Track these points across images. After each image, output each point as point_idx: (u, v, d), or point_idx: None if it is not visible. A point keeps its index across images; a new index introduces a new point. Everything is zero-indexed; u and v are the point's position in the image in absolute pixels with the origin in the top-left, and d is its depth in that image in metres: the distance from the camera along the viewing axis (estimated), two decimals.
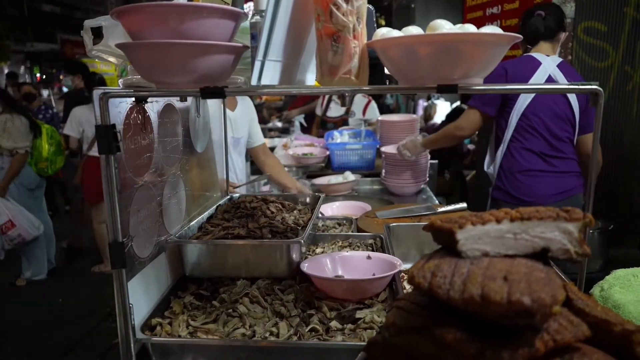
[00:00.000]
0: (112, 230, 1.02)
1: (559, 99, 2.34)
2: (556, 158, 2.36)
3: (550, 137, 2.34)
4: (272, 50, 0.96)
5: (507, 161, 2.43)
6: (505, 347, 0.62)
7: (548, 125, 2.33)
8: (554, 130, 2.34)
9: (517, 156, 2.40)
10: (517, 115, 2.35)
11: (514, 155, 2.40)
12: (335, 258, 1.45)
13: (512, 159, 2.41)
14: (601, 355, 0.67)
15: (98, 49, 1.17)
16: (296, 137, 4.12)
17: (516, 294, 0.61)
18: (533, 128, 2.34)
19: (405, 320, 0.75)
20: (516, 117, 2.36)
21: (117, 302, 1.05)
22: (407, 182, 2.76)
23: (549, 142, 2.35)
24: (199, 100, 1.63)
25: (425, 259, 0.77)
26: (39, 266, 4.47)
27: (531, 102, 2.33)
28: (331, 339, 1.13)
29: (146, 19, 0.92)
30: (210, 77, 0.97)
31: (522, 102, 2.34)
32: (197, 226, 1.54)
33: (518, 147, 2.38)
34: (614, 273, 1.21)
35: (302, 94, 1.62)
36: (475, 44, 0.88)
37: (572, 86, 0.92)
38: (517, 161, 2.39)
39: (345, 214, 2.22)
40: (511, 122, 2.38)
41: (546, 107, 2.33)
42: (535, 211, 0.74)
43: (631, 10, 3.18)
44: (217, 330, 1.19)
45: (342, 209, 2.30)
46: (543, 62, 2.34)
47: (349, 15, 0.92)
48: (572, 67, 2.52)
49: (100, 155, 0.98)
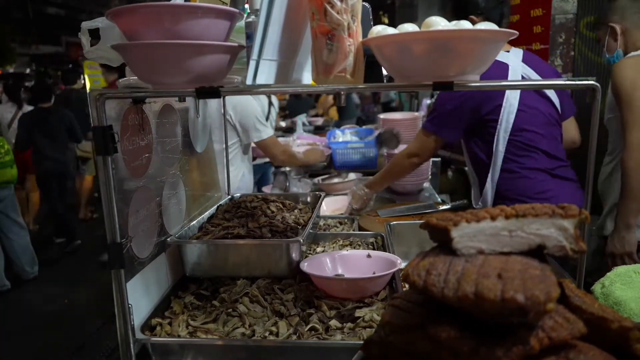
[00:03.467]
0: (110, 230, 1.02)
1: (543, 102, 1.98)
2: (560, 168, 2.00)
3: (548, 148, 1.97)
4: (267, 50, 0.95)
5: (506, 186, 1.99)
6: (500, 345, 0.62)
7: (543, 136, 1.96)
8: (549, 139, 1.98)
9: (520, 180, 1.96)
10: (505, 132, 1.93)
11: (515, 180, 1.97)
12: (335, 257, 1.45)
13: (514, 183, 1.97)
14: (597, 353, 0.66)
15: (95, 51, 1.17)
16: (298, 136, 4.11)
17: (510, 292, 0.60)
18: (528, 145, 1.95)
19: (400, 318, 0.74)
20: (504, 136, 1.94)
21: (116, 303, 1.06)
22: (410, 180, 2.75)
23: (548, 153, 1.97)
24: (199, 100, 1.63)
25: (420, 257, 0.76)
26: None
27: (518, 115, 1.91)
28: (330, 338, 1.13)
29: (141, 20, 0.92)
30: (206, 77, 0.98)
31: (506, 117, 1.92)
32: (198, 226, 1.54)
33: (516, 167, 1.96)
34: (615, 270, 1.21)
35: (298, 92, 1.62)
36: (470, 41, 0.87)
37: (569, 82, 0.92)
38: (523, 185, 1.96)
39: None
40: (498, 143, 1.95)
41: (535, 115, 1.95)
42: (530, 208, 0.73)
43: None
44: (217, 330, 1.19)
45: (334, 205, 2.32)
46: (508, 62, 1.94)
47: (343, 14, 0.91)
48: (535, 56, 2.10)
49: (97, 156, 0.99)
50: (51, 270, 4.86)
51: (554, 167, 1.97)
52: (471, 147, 2.06)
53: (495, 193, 2.00)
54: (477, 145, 2.03)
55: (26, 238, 4.57)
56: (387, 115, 3.50)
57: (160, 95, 1.09)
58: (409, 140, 3.27)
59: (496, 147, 1.95)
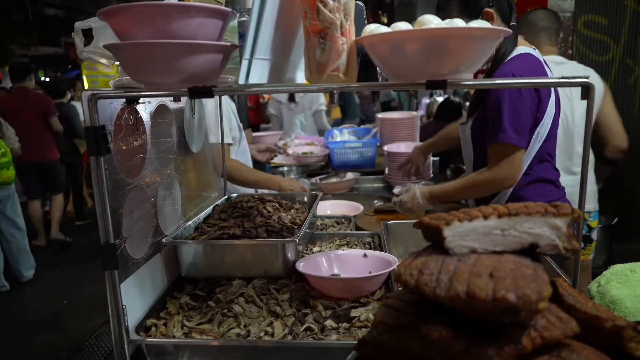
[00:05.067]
0: (104, 231, 1.02)
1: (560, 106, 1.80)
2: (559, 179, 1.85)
3: (554, 156, 1.83)
4: (260, 49, 0.95)
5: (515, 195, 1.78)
6: (492, 344, 0.61)
7: (555, 143, 1.81)
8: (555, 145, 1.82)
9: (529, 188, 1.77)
10: (540, 141, 1.71)
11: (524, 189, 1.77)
12: (331, 257, 1.44)
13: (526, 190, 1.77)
14: (591, 352, 0.66)
15: (89, 51, 1.17)
16: (296, 136, 4.11)
17: (501, 291, 0.60)
18: (549, 154, 1.77)
19: (393, 318, 0.74)
20: (538, 144, 1.72)
21: (110, 304, 1.05)
22: (411, 180, 2.75)
23: (555, 162, 1.83)
24: (194, 100, 1.63)
25: (413, 257, 0.76)
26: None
27: (553, 120, 1.71)
28: (326, 338, 1.13)
29: (133, 19, 0.92)
30: (199, 76, 0.97)
31: (547, 120, 1.69)
32: (194, 226, 1.54)
33: (528, 177, 1.77)
34: (611, 268, 1.20)
35: (290, 91, 1.60)
36: (463, 39, 0.87)
37: (564, 80, 0.91)
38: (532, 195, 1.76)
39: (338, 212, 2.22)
40: (532, 149, 1.72)
41: (558, 122, 1.77)
42: (523, 207, 0.73)
43: (632, 3, 3.15)
44: (212, 331, 1.19)
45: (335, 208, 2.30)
46: (539, 57, 1.75)
47: (335, 12, 0.91)
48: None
49: (90, 156, 0.98)
50: (50, 270, 4.85)
51: (557, 177, 1.84)
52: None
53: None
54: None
55: (24, 241, 4.56)
56: (386, 114, 3.49)
57: (153, 95, 1.08)
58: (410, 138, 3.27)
59: (529, 151, 1.71)
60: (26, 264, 4.60)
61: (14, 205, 4.46)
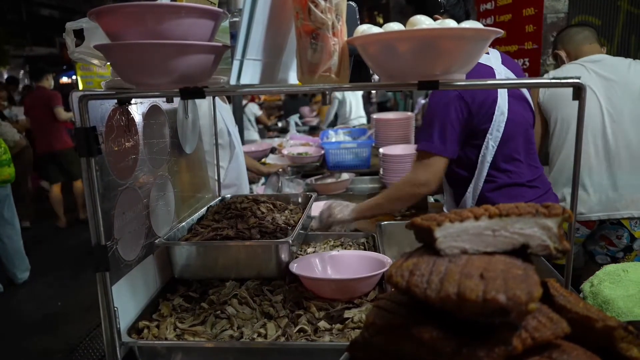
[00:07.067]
0: (95, 233, 1.01)
1: (523, 105, 1.80)
2: (537, 179, 1.83)
3: (527, 157, 1.80)
4: (251, 49, 0.95)
5: (484, 200, 1.77)
6: (482, 346, 0.61)
7: (523, 143, 1.79)
8: (528, 145, 1.81)
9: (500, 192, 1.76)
10: (494, 144, 1.72)
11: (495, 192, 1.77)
12: (324, 258, 1.44)
13: (495, 196, 1.77)
14: (581, 352, 0.66)
15: (80, 51, 1.16)
16: (291, 136, 4.10)
17: (491, 292, 0.60)
18: (512, 157, 1.76)
19: (384, 319, 0.74)
20: (493, 148, 1.72)
21: (101, 306, 1.05)
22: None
23: (527, 163, 1.80)
24: (187, 101, 1.62)
25: (404, 258, 0.76)
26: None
27: (508, 122, 1.71)
28: (319, 339, 1.12)
29: (123, 20, 0.91)
30: (190, 77, 0.96)
31: (497, 125, 1.70)
32: (187, 228, 1.53)
33: (499, 181, 1.76)
34: (604, 268, 1.21)
35: (283, 92, 1.59)
36: (455, 39, 0.87)
37: (554, 80, 0.91)
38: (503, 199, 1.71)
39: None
40: (485, 157, 1.73)
41: (520, 123, 1.76)
42: (514, 207, 0.73)
43: (625, 4, 3.17)
44: (205, 332, 1.18)
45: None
46: (492, 65, 1.75)
47: (327, 13, 0.91)
48: (508, 56, 1.90)
49: (80, 157, 0.98)
50: (45, 272, 4.83)
51: (533, 178, 1.81)
52: (458, 161, 1.79)
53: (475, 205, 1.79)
54: (458, 157, 1.76)
55: (19, 242, 4.53)
56: (380, 115, 3.50)
57: (144, 95, 1.08)
58: (405, 138, 3.27)
59: (483, 158, 1.73)
60: (21, 265, 4.56)
61: (10, 205, 4.42)
